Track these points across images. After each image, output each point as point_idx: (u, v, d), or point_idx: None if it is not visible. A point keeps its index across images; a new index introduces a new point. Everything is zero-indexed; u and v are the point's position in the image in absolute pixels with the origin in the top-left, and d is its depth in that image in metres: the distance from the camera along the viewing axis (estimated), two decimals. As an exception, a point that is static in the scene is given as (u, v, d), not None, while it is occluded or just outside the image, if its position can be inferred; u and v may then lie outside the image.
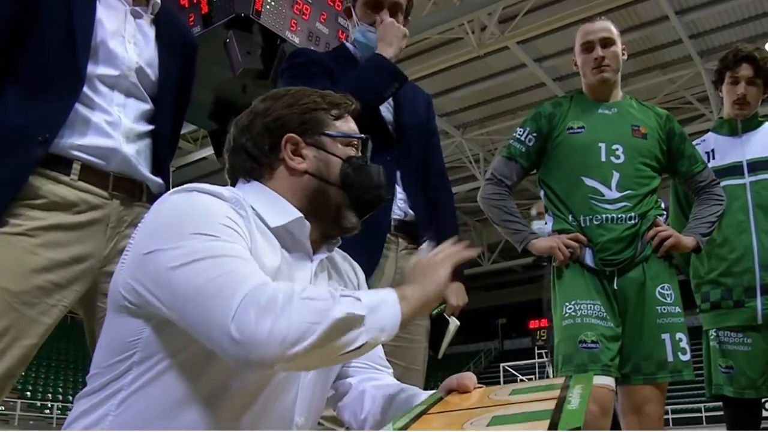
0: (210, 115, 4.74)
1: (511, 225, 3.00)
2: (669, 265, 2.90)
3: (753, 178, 3.21)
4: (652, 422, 2.71)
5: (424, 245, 1.59)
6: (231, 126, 1.62)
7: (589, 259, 2.83)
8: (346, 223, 1.57)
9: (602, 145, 2.88)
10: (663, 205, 2.99)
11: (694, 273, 3.35)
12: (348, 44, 2.72)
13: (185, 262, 1.24)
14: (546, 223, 3.03)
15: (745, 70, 3.29)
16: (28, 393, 24.36)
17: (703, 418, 21.52)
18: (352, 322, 1.23)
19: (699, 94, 16.73)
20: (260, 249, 1.37)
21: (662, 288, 2.82)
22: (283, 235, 1.46)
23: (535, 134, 3.01)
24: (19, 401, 22.78)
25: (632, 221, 2.82)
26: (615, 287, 2.81)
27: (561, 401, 1.11)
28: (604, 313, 2.76)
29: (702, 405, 21.24)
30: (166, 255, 1.26)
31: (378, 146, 2.45)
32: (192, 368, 1.31)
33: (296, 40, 4.41)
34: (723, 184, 3.19)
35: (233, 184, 1.59)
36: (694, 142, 3.41)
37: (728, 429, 3.19)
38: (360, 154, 1.60)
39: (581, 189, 2.87)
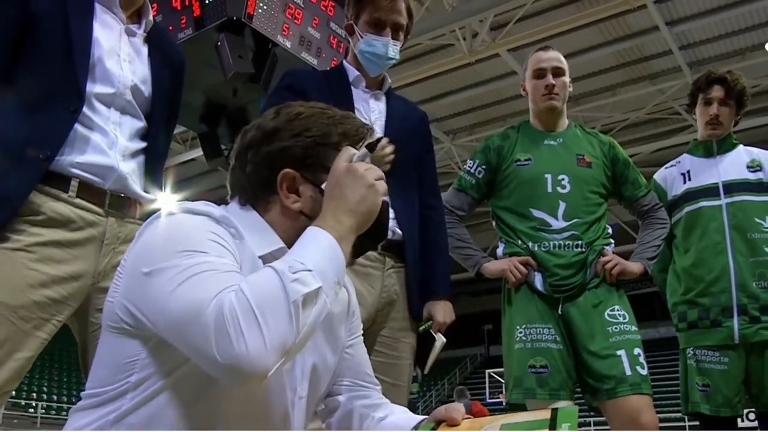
0: (200, 117, 4.74)
1: (463, 251, 3.11)
2: (617, 289, 2.97)
3: (729, 200, 3.29)
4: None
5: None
6: (240, 134, 1.56)
7: (539, 283, 2.91)
8: None
9: (548, 176, 2.98)
10: (610, 231, 3.07)
11: (671, 292, 3.43)
12: (346, 63, 2.72)
13: (170, 290, 1.23)
14: (498, 248, 3.11)
15: (717, 92, 3.40)
16: (13, 392, 24.08)
17: (686, 427, 21.56)
18: (311, 297, 1.22)
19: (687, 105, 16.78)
20: (248, 266, 1.36)
21: (612, 310, 2.90)
22: (270, 261, 1.43)
23: (484, 167, 3.12)
24: (5, 402, 22.60)
25: (579, 249, 2.90)
26: (560, 312, 2.88)
27: None
28: (555, 336, 2.84)
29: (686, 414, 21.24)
30: (155, 280, 1.26)
31: None
32: (188, 390, 1.31)
33: (288, 44, 4.41)
34: (699, 205, 3.32)
35: (231, 198, 1.55)
36: (668, 164, 3.51)
37: None
38: None
39: (529, 220, 2.96)
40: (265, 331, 1.15)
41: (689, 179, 3.42)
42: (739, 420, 3.26)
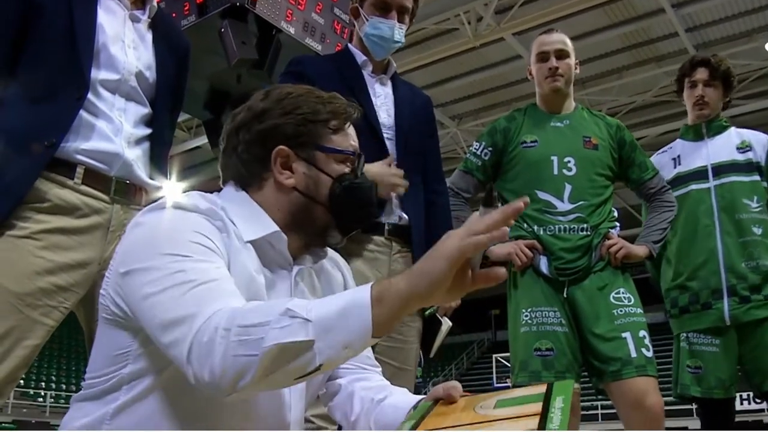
0: (205, 104, 4.72)
1: None
2: (623, 272, 2.97)
3: (717, 182, 3.33)
4: (656, 414, 2.74)
5: None
6: (227, 118, 1.59)
7: (544, 267, 2.92)
8: (330, 240, 1.56)
9: (554, 158, 2.98)
10: (616, 214, 3.07)
11: (663, 279, 3.45)
12: (351, 47, 2.72)
13: (153, 292, 1.24)
14: None
15: (701, 74, 3.46)
16: (22, 381, 24.33)
17: (693, 411, 21.62)
18: (295, 349, 1.14)
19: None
20: (236, 259, 1.37)
21: (617, 293, 2.90)
22: (263, 246, 1.45)
23: (490, 149, 3.12)
24: (13, 389, 22.78)
25: (584, 232, 2.91)
26: (565, 295, 2.89)
27: (543, 418, 1.14)
28: (561, 319, 2.85)
29: (693, 397, 21.28)
30: (139, 279, 1.27)
31: (375, 153, 2.47)
32: (181, 382, 1.31)
33: (291, 30, 4.39)
34: (689, 188, 3.35)
35: (224, 183, 1.57)
36: (660, 150, 3.52)
37: (702, 429, 3.27)
38: (354, 166, 1.55)
39: (535, 202, 2.96)
40: (225, 364, 1.15)
41: (679, 164, 3.47)
42: (754, 402, 3.28)
